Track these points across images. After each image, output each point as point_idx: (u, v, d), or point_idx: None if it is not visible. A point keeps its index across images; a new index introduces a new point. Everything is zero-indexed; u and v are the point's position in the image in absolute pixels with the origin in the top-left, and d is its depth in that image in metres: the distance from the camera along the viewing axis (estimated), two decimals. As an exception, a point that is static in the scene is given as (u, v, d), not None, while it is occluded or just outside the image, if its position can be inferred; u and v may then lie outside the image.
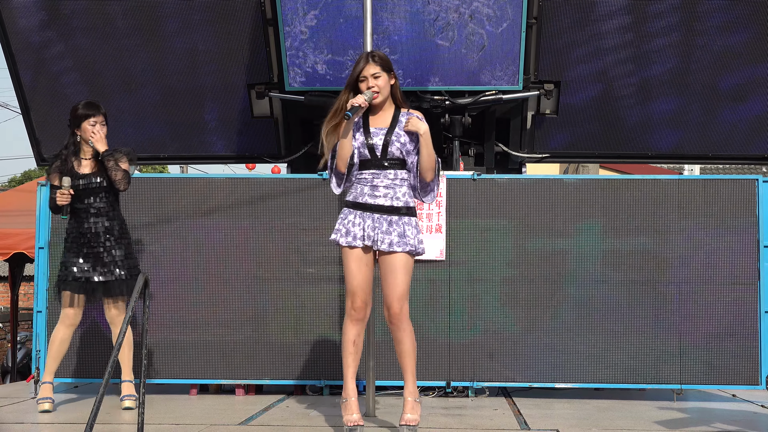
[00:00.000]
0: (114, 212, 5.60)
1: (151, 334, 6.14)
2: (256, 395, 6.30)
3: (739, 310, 6.12)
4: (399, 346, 4.60)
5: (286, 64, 6.86)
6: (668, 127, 7.27)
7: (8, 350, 11.41)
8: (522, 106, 7.25)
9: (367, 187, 4.56)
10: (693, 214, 6.17)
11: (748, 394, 6.50)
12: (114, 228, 5.57)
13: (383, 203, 4.54)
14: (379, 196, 4.54)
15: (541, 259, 6.18)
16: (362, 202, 4.56)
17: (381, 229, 4.52)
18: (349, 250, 4.55)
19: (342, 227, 4.59)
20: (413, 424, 4.57)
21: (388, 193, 4.54)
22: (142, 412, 4.02)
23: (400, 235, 4.52)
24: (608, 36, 6.83)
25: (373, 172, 4.56)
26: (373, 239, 4.53)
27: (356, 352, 4.59)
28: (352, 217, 4.58)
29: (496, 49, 6.73)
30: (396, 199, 4.55)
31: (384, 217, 4.53)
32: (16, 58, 7.15)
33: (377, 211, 4.53)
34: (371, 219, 4.54)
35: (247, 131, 7.47)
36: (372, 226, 4.53)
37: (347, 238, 4.55)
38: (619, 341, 6.13)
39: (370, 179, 4.56)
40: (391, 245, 4.50)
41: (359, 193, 4.58)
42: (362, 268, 4.55)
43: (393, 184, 4.55)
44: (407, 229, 4.54)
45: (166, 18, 6.90)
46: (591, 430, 5.00)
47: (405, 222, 4.55)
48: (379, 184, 4.55)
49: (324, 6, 6.62)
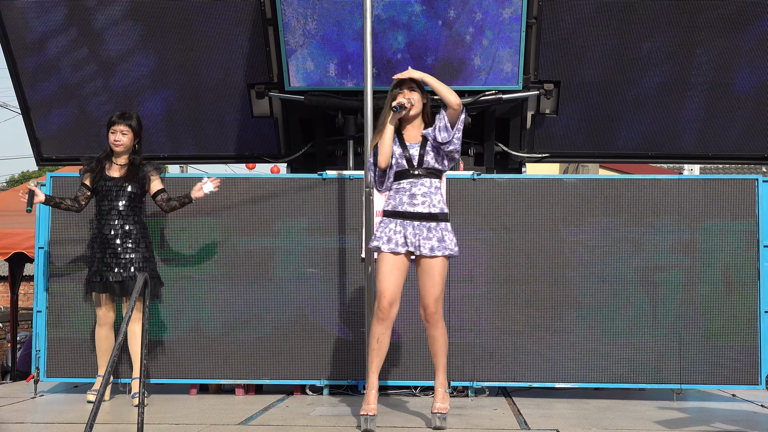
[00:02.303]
0: (136, 217, 5.81)
1: (151, 334, 6.15)
2: (256, 395, 6.30)
3: (739, 310, 6.12)
4: (433, 341, 4.95)
5: (286, 64, 6.86)
6: (668, 126, 7.27)
7: (8, 350, 11.41)
8: (522, 106, 7.24)
9: (405, 196, 4.86)
10: (693, 214, 6.17)
11: (748, 394, 6.50)
12: (133, 232, 5.75)
13: (422, 210, 4.83)
14: (418, 204, 4.84)
15: (541, 259, 6.18)
16: (402, 210, 4.85)
17: (422, 236, 4.82)
18: (387, 256, 4.84)
19: (383, 235, 4.87)
20: (444, 412, 4.93)
21: (426, 200, 4.84)
22: (142, 412, 4.03)
23: (440, 240, 4.83)
24: (608, 36, 6.83)
25: (410, 182, 4.87)
26: (414, 245, 4.82)
27: (380, 348, 4.87)
28: (393, 225, 4.87)
29: (496, 49, 6.73)
30: (433, 206, 4.84)
31: (423, 224, 4.84)
32: (16, 58, 7.15)
33: (417, 218, 4.84)
34: (411, 226, 4.84)
35: (247, 131, 7.47)
36: (413, 233, 4.83)
37: (390, 245, 4.84)
38: (619, 341, 6.13)
39: (408, 188, 4.86)
40: (432, 250, 4.81)
41: (398, 202, 4.88)
42: (395, 272, 4.84)
43: (429, 192, 4.86)
44: (445, 235, 4.85)
45: (166, 18, 6.90)
46: (591, 430, 5.00)
47: (442, 228, 4.86)
48: (417, 192, 4.85)
49: (324, 6, 6.62)
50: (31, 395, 6.28)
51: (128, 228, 5.74)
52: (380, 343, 4.86)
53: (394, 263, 4.84)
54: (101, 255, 5.72)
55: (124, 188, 5.74)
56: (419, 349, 6.17)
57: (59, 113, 7.29)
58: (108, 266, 5.70)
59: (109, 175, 5.79)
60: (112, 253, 5.71)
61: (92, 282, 5.76)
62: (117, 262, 5.70)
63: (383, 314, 4.82)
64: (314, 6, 6.63)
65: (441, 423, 4.89)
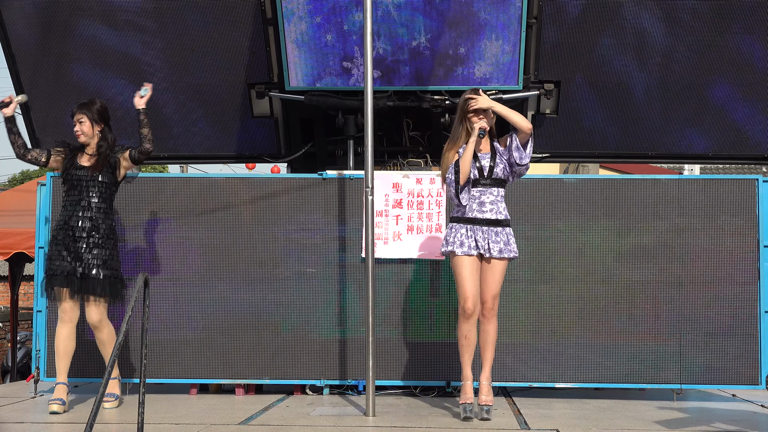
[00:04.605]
0: (104, 211, 5.56)
1: (151, 334, 6.14)
2: (256, 395, 6.30)
3: (739, 310, 6.12)
4: (484, 335, 5.31)
5: (286, 64, 6.85)
6: (668, 126, 7.27)
7: (8, 350, 11.41)
8: (522, 106, 7.23)
9: (475, 204, 5.24)
10: (693, 214, 6.17)
11: (748, 394, 6.50)
12: (101, 227, 5.51)
13: (490, 217, 5.23)
14: (486, 211, 5.23)
15: (541, 259, 6.18)
16: (471, 216, 5.24)
17: (491, 239, 5.22)
18: (463, 259, 5.21)
19: (456, 240, 5.24)
20: (490, 404, 5.27)
21: (493, 208, 5.24)
22: (141, 412, 4.02)
23: (506, 243, 5.24)
24: (608, 35, 6.82)
25: (480, 190, 5.25)
26: (484, 248, 5.21)
27: (468, 344, 5.28)
28: (464, 230, 5.24)
29: (496, 49, 6.73)
30: (499, 213, 5.25)
31: (491, 229, 5.23)
32: (16, 58, 7.14)
33: (485, 224, 5.22)
34: (481, 231, 5.22)
35: (247, 131, 7.47)
36: (483, 237, 5.22)
37: (463, 248, 5.21)
38: (619, 341, 6.13)
39: (477, 196, 5.24)
40: (501, 252, 5.22)
41: (468, 210, 5.25)
42: (473, 274, 5.24)
43: (496, 200, 5.26)
44: (510, 239, 5.27)
45: (166, 18, 6.89)
46: (591, 430, 5.00)
47: (507, 232, 5.28)
48: (485, 200, 5.24)
49: (324, 5, 6.62)
50: (31, 395, 6.28)
51: (95, 222, 5.50)
52: (468, 339, 5.27)
53: (471, 266, 5.23)
54: (64, 248, 5.46)
55: (95, 178, 5.52)
56: (419, 349, 6.17)
57: (59, 113, 7.28)
58: (71, 260, 5.45)
59: (80, 163, 5.58)
60: (76, 247, 5.46)
61: (54, 276, 5.47)
62: (80, 257, 5.45)
63: (469, 314, 5.22)
64: (314, 5, 6.63)
65: (486, 415, 5.21)
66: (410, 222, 6.25)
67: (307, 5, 6.62)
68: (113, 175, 5.60)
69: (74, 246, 5.46)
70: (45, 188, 6.35)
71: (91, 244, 5.47)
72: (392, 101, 7.03)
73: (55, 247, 5.52)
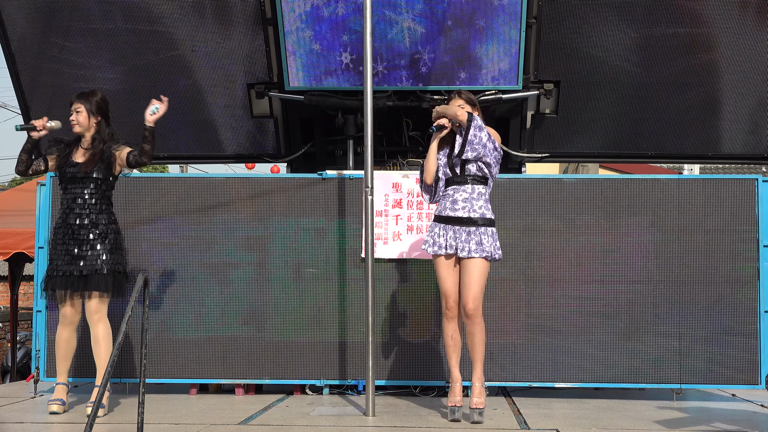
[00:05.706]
0: (102, 207, 5.46)
1: (151, 334, 6.14)
2: (256, 395, 6.30)
3: (739, 310, 6.12)
4: (471, 337, 5.17)
5: (286, 64, 6.86)
6: (668, 126, 7.27)
7: (8, 350, 11.41)
8: (522, 106, 7.24)
9: (448, 202, 5.18)
10: (693, 214, 6.17)
11: (748, 394, 6.50)
12: (100, 223, 5.42)
13: (462, 215, 5.12)
14: (458, 209, 5.14)
15: (541, 259, 6.18)
16: (444, 215, 5.17)
17: (461, 239, 5.10)
18: (439, 258, 5.18)
19: (431, 238, 5.22)
20: (481, 407, 5.15)
21: (466, 206, 5.13)
22: (141, 412, 4.02)
23: (478, 243, 5.08)
24: (608, 36, 6.82)
25: (454, 188, 5.18)
26: (455, 248, 5.11)
27: (454, 345, 5.22)
28: (438, 229, 5.19)
29: (496, 49, 6.73)
30: (473, 211, 5.12)
31: (463, 228, 5.11)
32: (16, 58, 7.14)
33: (456, 222, 5.13)
34: (452, 230, 5.13)
35: (246, 131, 7.47)
36: (454, 237, 5.12)
37: (434, 248, 5.17)
38: (618, 341, 6.13)
39: (451, 194, 5.18)
40: (469, 252, 5.07)
41: (443, 208, 5.20)
42: (451, 274, 5.18)
43: (470, 198, 5.14)
44: (483, 238, 5.10)
45: (165, 18, 6.89)
46: (591, 429, 5.00)
47: (482, 232, 5.11)
48: (458, 198, 5.15)
49: (323, 6, 6.61)
50: (31, 395, 6.28)
51: (95, 218, 5.40)
52: (454, 340, 5.21)
53: (448, 265, 5.17)
54: (65, 247, 5.38)
55: (90, 174, 5.40)
56: (419, 349, 6.17)
57: (59, 113, 7.27)
58: (71, 259, 5.35)
59: (74, 160, 5.46)
60: (76, 246, 5.36)
61: (53, 277, 5.39)
62: (81, 255, 5.35)
63: (452, 313, 5.18)
64: (314, 5, 6.63)
65: (478, 418, 5.11)
66: (410, 222, 6.25)
67: (307, 5, 6.63)
68: (108, 170, 5.48)
69: (75, 244, 5.40)
70: (45, 188, 6.35)
71: (91, 241, 5.38)
72: (392, 101, 7.03)
73: (55, 247, 5.47)
